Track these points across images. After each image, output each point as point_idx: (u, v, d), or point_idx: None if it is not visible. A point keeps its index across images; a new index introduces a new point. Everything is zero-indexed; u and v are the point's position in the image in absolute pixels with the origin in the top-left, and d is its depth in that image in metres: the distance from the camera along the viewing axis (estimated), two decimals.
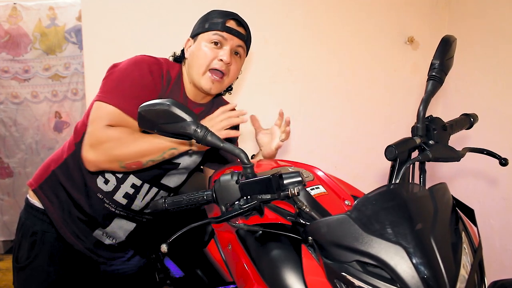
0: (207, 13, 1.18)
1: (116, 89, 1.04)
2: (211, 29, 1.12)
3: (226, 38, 1.12)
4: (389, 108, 2.33)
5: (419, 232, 0.64)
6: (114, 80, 1.06)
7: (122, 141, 0.99)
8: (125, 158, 1.00)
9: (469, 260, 0.67)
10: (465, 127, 1.01)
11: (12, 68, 2.67)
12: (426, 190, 0.75)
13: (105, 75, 1.10)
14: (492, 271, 1.91)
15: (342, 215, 0.69)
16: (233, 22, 1.14)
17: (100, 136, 1.00)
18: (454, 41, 0.92)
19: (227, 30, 1.12)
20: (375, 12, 2.24)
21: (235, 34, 1.13)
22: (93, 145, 1.00)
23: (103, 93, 1.05)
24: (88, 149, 1.01)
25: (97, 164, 1.02)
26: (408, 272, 0.60)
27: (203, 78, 1.13)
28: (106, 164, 1.02)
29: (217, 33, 1.12)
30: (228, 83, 1.19)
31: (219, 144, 0.76)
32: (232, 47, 1.14)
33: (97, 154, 1.00)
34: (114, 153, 0.99)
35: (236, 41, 1.14)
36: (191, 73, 1.15)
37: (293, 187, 0.73)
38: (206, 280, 1.19)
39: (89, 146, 1.01)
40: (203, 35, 1.14)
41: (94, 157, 1.00)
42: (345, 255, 0.66)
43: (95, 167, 1.03)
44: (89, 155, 1.01)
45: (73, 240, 1.17)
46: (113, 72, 1.08)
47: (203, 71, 1.12)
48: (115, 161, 1.00)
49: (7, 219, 2.82)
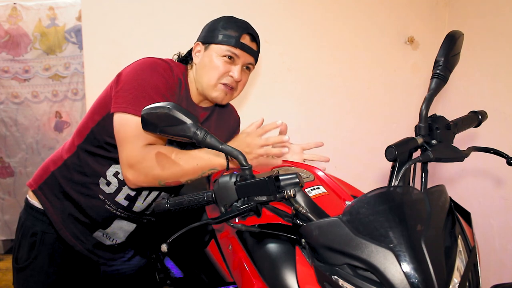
0: (220, 20, 1.14)
1: (139, 98, 1.01)
2: (225, 43, 1.09)
3: (239, 56, 1.10)
4: (389, 108, 2.33)
5: (410, 236, 0.63)
6: (135, 87, 1.03)
7: (162, 163, 1.00)
8: (165, 178, 1.01)
9: (464, 263, 0.67)
10: (473, 125, 0.99)
11: (12, 68, 2.67)
12: (421, 193, 0.74)
13: (119, 83, 1.05)
14: (492, 272, 1.92)
15: (334, 218, 0.69)
16: (247, 38, 1.11)
17: (140, 157, 1.00)
18: (460, 37, 0.89)
19: (241, 47, 1.10)
20: (375, 12, 2.24)
21: (247, 51, 1.11)
22: (132, 166, 1.00)
23: (126, 103, 1.01)
24: (127, 169, 1.01)
25: (136, 183, 1.03)
26: (397, 276, 0.59)
27: (215, 90, 1.12)
28: (145, 183, 1.03)
29: (230, 50, 1.09)
30: (236, 95, 1.20)
31: (218, 145, 0.77)
32: (244, 64, 1.13)
33: (137, 174, 1.00)
34: (154, 173, 1.00)
35: (248, 58, 1.12)
36: (200, 81, 1.14)
37: (289, 188, 0.73)
38: (206, 280, 1.19)
39: (128, 166, 1.01)
40: (215, 47, 1.11)
41: (134, 177, 1.01)
42: (336, 258, 0.66)
43: (134, 185, 1.04)
44: (129, 175, 1.01)
45: (73, 241, 1.17)
46: (129, 80, 1.04)
47: (214, 83, 1.11)
48: (154, 181, 1.02)
49: (8, 219, 2.82)
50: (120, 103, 1.02)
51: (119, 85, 1.05)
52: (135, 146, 1.00)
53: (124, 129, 1.02)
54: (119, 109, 1.02)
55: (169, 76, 1.08)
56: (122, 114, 1.02)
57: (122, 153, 1.03)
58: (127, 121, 1.00)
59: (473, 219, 0.80)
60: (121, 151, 1.03)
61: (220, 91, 1.12)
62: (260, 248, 0.85)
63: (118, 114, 1.03)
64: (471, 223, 0.78)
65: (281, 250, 0.82)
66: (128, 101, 1.01)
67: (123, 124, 1.02)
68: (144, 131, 0.83)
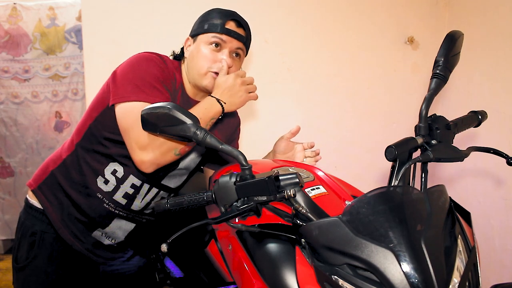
0: (207, 13, 1.16)
1: (139, 86, 1.02)
2: (210, 31, 1.11)
3: (225, 41, 1.11)
4: (389, 108, 2.33)
5: (410, 236, 0.63)
6: (133, 78, 1.03)
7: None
8: (178, 145, 1.01)
9: (464, 263, 0.66)
10: (473, 125, 0.99)
11: (12, 68, 2.67)
12: (421, 193, 0.74)
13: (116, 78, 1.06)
14: (492, 272, 1.92)
15: (334, 218, 0.68)
16: (232, 24, 1.13)
17: (151, 137, 0.99)
18: (459, 36, 0.89)
19: (226, 32, 1.11)
20: (375, 12, 2.24)
21: (234, 36, 1.12)
22: (143, 147, 1.00)
23: (126, 93, 1.02)
24: (140, 153, 1.00)
25: (154, 162, 1.01)
26: (397, 276, 0.59)
27: (205, 78, 1.12)
28: (162, 159, 1.02)
29: (216, 36, 1.10)
30: None
31: (218, 145, 0.77)
32: (231, 50, 1.13)
33: (152, 153, 1.00)
34: (168, 145, 1.00)
35: (235, 43, 1.13)
36: (191, 74, 1.15)
37: (289, 188, 0.73)
38: (206, 280, 1.19)
39: (139, 150, 1.00)
40: (202, 37, 1.13)
41: (149, 157, 1.00)
42: (336, 258, 0.66)
43: (153, 166, 1.02)
44: (144, 157, 1.00)
45: (72, 241, 1.17)
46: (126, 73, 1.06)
47: (204, 72, 1.12)
48: (170, 153, 1.01)
49: (8, 218, 2.83)
50: (121, 94, 1.03)
51: (116, 80, 1.06)
52: (139, 129, 0.98)
53: (127, 115, 1.02)
54: (120, 99, 1.03)
55: (164, 67, 1.10)
56: (124, 103, 1.02)
57: (130, 139, 1.02)
58: (130, 107, 1.00)
59: (473, 219, 0.80)
60: (129, 137, 1.02)
61: (210, 78, 1.12)
62: (260, 248, 0.85)
63: (120, 105, 1.03)
64: (471, 223, 0.78)
65: (281, 250, 0.82)
66: (128, 91, 1.02)
67: (127, 111, 1.02)
68: (144, 130, 0.83)
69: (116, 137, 1.08)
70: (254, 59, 2.11)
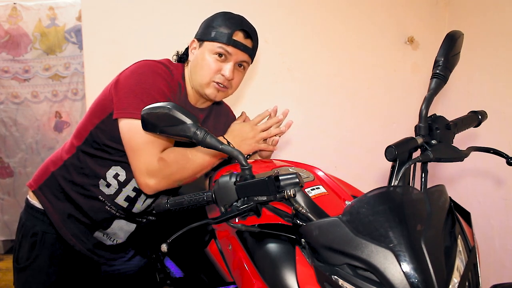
0: (215, 17, 1.12)
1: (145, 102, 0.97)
2: (217, 40, 1.07)
3: (231, 53, 1.08)
4: (389, 108, 2.33)
5: (410, 236, 0.63)
6: (138, 91, 1.01)
7: (183, 165, 1.02)
8: (185, 178, 1.05)
9: (464, 263, 0.66)
10: (473, 125, 0.99)
11: (12, 68, 2.67)
12: (421, 192, 0.74)
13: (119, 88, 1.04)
14: (492, 272, 1.91)
15: (333, 218, 0.69)
16: (240, 35, 1.09)
17: (161, 165, 1.00)
18: (460, 36, 0.89)
19: (233, 44, 1.08)
20: (375, 12, 2.24)
21: (240, 49, 1.09)
22: (153, 173, 1.00)
23: (132, 108, 0.99)
24: (147, 177, 1.00)
25: (158, 188, 1.03)
26: (397, 276, 0.59)
27: (207, 88, 1.12)
28: (166, 187, 1.04)
29: (222, 47, 1.08)
30: (231, 93, 1.19)
31: (217, 146, 0.77)
32: (236, 62, 1.11)
33: (158, 180, 1.01)
34: (176, 177, 1.03)
35: (240, 56, 1.10)
36: (194, 79, 1.14)
37: (289, 188, 0.73)
38: (206, 280, 1.19)
39: (148, 175, 1.00)
40: (207, 44, 1.10)
41: (155, 184, 1.01)
42: (336, 258, 0.66)
43: (156, 191, 1.04)
44: (150, 182, 1.01)
45: (73, 241, 1.17)
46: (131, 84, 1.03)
47: (207, 82, 1.11)
48: (175, 183, 1.05)
49: (8, 219, 2.82)
50: (125, 108, 1.00)
51: (120, 90, 1.03)
52: (152, 153, 1.00)
53: (135, 135, 1.00)
54: (126, 115, 1.01)
55: (170, 79, 1.08)
56: (130, 120, 1.00)
57: (138, 162, 1.01)
58: (137, 127, 0.96)
59: (473, 219, 0.80)
60: (136, 160, 1.01)
61: (213, 88, 1.12)
62: (260, 248, 0.85)
63: (125, 120, 1.01)
64: (471, 223, 0.78)
65: (281, 250, 0.82)
66: (133, 106, 0.99)
67: (134, 131, 1.00)
68: (144, 130, 0.82)
69: (119, 146, 1.07)
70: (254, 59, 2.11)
